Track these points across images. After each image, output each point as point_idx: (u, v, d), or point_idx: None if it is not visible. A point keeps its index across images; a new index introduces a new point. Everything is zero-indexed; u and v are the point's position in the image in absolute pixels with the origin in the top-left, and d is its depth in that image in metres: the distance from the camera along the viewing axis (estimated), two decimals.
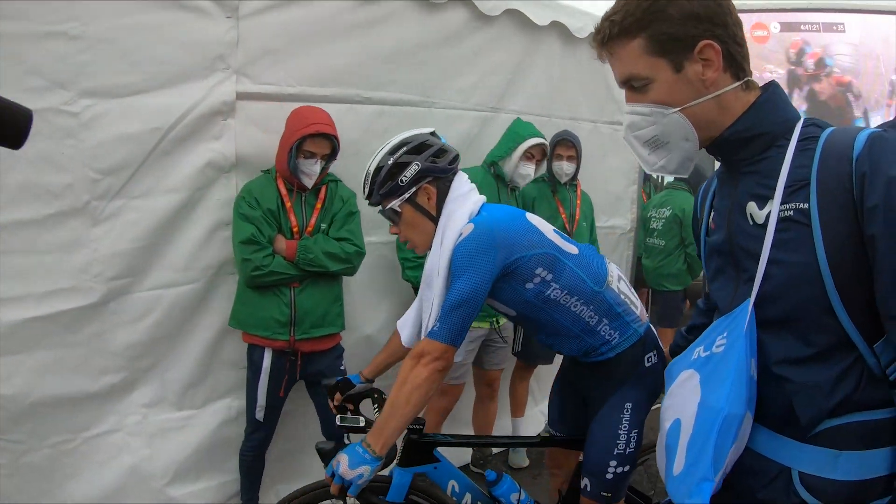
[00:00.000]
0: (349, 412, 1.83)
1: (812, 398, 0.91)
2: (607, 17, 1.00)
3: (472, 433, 3.00)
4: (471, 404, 3.02)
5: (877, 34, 5.35)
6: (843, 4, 5.29)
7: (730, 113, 0.98)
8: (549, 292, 1.54)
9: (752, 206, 0.97)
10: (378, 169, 1.58)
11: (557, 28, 3.11)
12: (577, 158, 2.94)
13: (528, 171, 2.78)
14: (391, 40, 2.51)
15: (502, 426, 3.20)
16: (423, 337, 1.52)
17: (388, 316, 2.72)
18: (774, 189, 0.93)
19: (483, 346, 2.81)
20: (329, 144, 2.20)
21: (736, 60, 0.97)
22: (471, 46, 2.78)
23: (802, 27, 5.51)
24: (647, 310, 1.90)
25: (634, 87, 1.01)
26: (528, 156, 2.75)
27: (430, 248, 1.64)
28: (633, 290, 1.73)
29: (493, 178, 2.72)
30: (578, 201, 3.06)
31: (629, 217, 3.97)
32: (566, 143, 2.93)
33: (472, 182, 2.64)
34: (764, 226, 0.94)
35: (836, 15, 5.51)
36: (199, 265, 2.20)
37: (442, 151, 1.62)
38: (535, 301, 1.55)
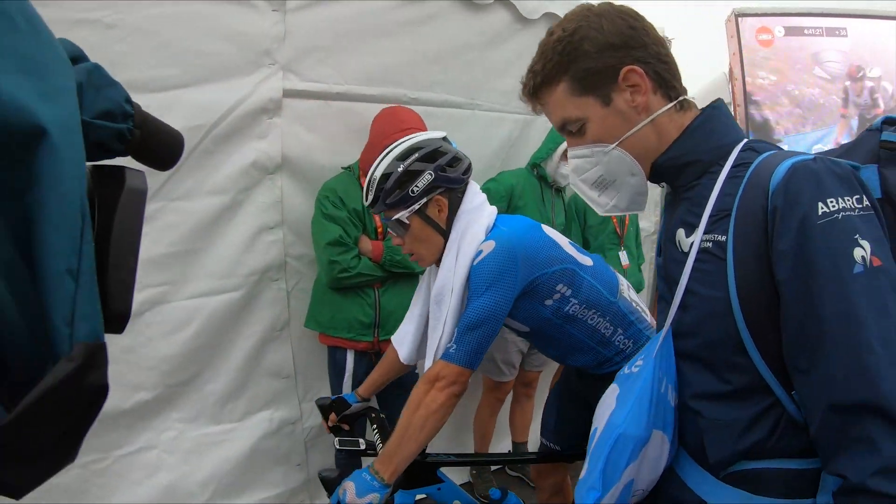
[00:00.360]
0: (346, 433, 1.64)
1: (721, 437, 0.85)
2: (530, 70, 0.96)
3: (474, 443, 2.74)
4: (471, 414, 2.75)
5: (868, 41, 5.21)
6: (845, 9, 5.17)
7: (665, 138, 0.91)
8: (567, 308, 1.41)
9: (680, 234, 0.92)
10: (385, 176, 1.36)
11: None
12: None
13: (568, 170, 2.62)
14: (437, 40, 2.29)
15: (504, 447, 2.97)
16: (436, 359, 1.34)
17: None
18: (701, 217, 0.87)
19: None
20: None
21: (664, 79, 0.90)
22: (513, 48, 2.55)
23: (806, 31, 5.35)
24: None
25: (571, 131, 0.94)
26: (567, 156, 2.60)
27: (435, 262, 1.46)
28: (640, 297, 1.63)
29: (536, 179, 2.53)
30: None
31: (653, 220, 3.79)
32: None
33: (516, 184, 2.54)
34: (688, 254, 0.88)
35: (838, 20, 5.37)
36: (241, 271, 1.97)
37: (456, 160, 1.41)
38: (554, 318, 1.42)
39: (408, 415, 1.29)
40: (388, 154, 1.38)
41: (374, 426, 1.59)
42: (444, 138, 1.44)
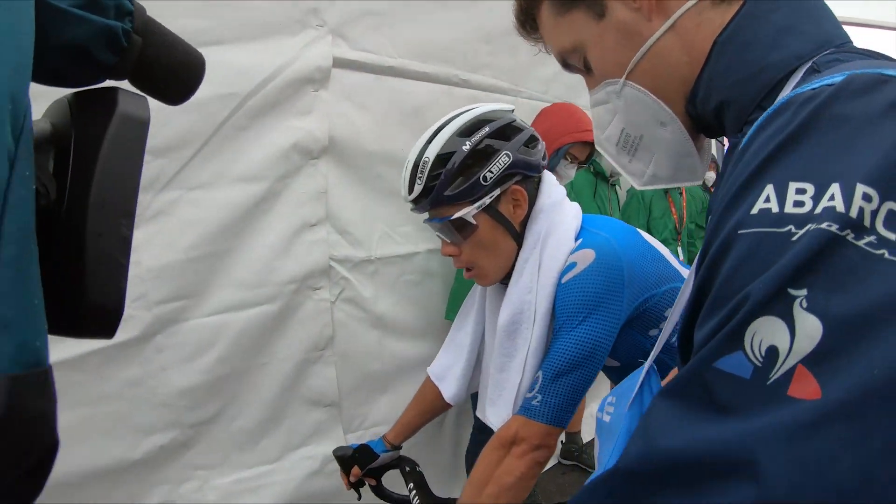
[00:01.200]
0: (372, 489, 1.18)
1: None
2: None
3: None
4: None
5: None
6: (843, 17, 5.14)
7: (697, 55, 0.49)
8: (674, 339, 0.88)
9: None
10: (443, 157, 0.90)
11: None
12: None
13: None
14: (488, 18, 1.79)
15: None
16: (512, 413, 0.92)
17: None
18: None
19: None
20: (587, 152, 1.87)
21: None
22: None
23: None
24: None
25: (575, 67, 0.58)
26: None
27: (501, 279, 1.00)
28: None
29: (590, 173, 2.13)
30: (685, 201, 2.47)
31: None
32: None
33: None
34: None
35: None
36: (276, 279, 1.43)
37: (534, 139, 0.97)
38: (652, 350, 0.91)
39: (472, 492, 0.86)
40: (440, 130, 0.92)
41: (410, 484, 1.10)
42: (513, 111, 1.00)
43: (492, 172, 0.90)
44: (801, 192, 0.32)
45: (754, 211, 0.33)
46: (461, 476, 1.99)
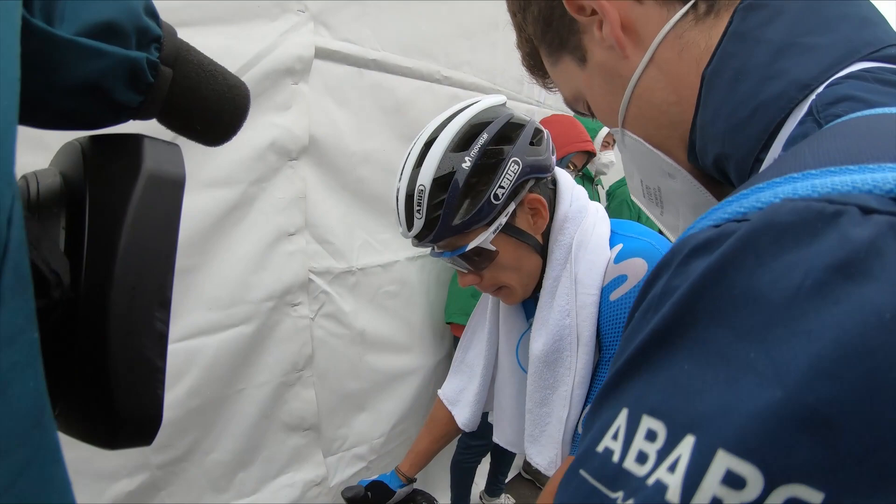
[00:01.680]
0: None
1: None
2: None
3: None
4: None
5: None
6: None
7: (685, 92, 0.39)
8: None
9: None
10: (441, 182, 0.74)
11: None
12: None
13: (610, 157, 2.37)
14: (470, 14, 1.73)
15: None
16: (561, 450, 0.84)
17: None
18: None
19: None
20: (585, 160, 2.01)
21: None
22: None
23: None
24: None
25: (584, 114, 0.51)
26: (605, 144, 2.33)
27: (529, 295, 0.88)
28: None
29: (577, 176, 2.17)
30: None
31: None
32: None
33: None
34: None
35: None
36: (252, 297, 1.28)
37: (537, 133, 0.82)
38: None
39: None
40: (429, 147, 0.76)
41: None
42: (505, 104, 0.84)
43: (502, 187, 0.76)
44: (650, 435, 0.22)
45: (599, 448, 0.24)
46: (446, 483, 1.96)
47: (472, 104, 0.80)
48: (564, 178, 0.89)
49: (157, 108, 0.35)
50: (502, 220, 0.78)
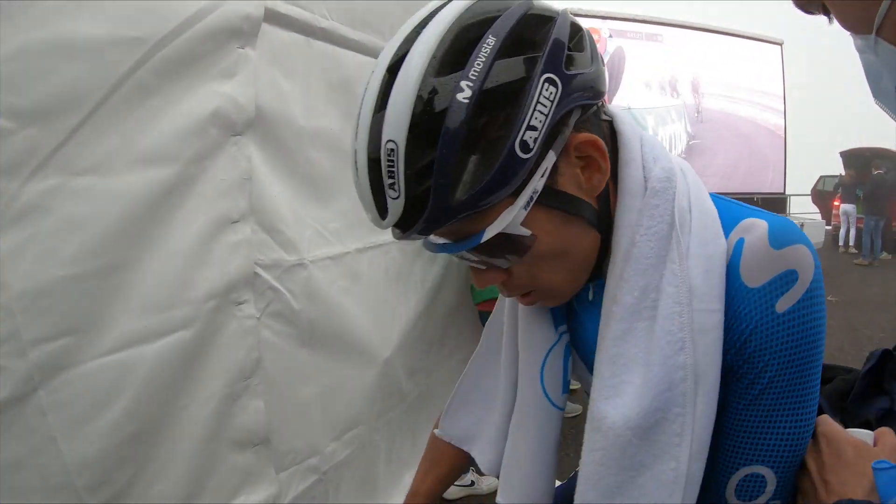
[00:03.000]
0: None
1: None
2: None
3: None
4: None
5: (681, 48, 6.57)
6: (661, 18, 6.35)
7: None
8: None
9: None
10: (427, 129, 0.46)
11: None
12: None
13: None
14: None
15: None
16: None
17: None
18: None
19: None
20: None
21: None
22: None
23: (629, 34, 6.33)
24: None
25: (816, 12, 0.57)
26: None
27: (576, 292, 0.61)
28: None
29: None
30: None
31: None
32: None
33: None
34: None
35: (656, 27, 6.55)
36: (192, 296, 1.12)
37: (576, 28, 0.53)
38: None
39: None
40: (393, 73, 0.48)
41: None
42: None
43: (533, 128, 0.47)
44: None
45: None
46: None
47: None
48: (619, 111, 0.61)
49: None
50: (538, 183, 0.50)
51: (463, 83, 0.46)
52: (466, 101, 0.46)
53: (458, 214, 0.48)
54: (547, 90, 0.48)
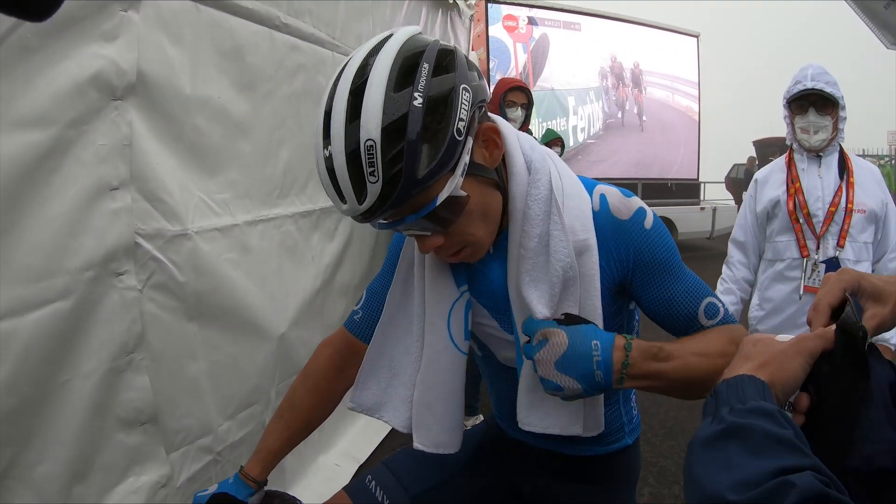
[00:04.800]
0: None
1: None
2: None
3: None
4: None
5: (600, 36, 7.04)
6: (579, 7, 6.77)
7: None
8: (636, 325, 1.04)
9: None
10: (394, 129, 0.71)
11: None
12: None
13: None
14: None
15: None
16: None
17: None
18: None
19: None
20: (524, 97, 2.74)
21: None
22: None
23: (546, 23, 6.66)
24: None
25: None
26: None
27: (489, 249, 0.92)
28: None
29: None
30: None
31: None
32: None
33: None
34: None
35: (574, 16, 6.95)
36: (69, 265, 1.19)
37: (461, 55, 0.82)
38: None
39: (695, 358, 0.83)
40: (357, 96, 0.72)
41: None
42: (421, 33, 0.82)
43: (462, 119, 0.75)
44: None
45: None
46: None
47: (387, 38, 0.77)
48: (493, 115, 0.90)
49: None
50: (466, 158, 0.78)
51: (416, 95, 0.72)
52: (420, 106, 0.72)
53: (421, 186, 0.73)
54: (465, 95, 0.76)
